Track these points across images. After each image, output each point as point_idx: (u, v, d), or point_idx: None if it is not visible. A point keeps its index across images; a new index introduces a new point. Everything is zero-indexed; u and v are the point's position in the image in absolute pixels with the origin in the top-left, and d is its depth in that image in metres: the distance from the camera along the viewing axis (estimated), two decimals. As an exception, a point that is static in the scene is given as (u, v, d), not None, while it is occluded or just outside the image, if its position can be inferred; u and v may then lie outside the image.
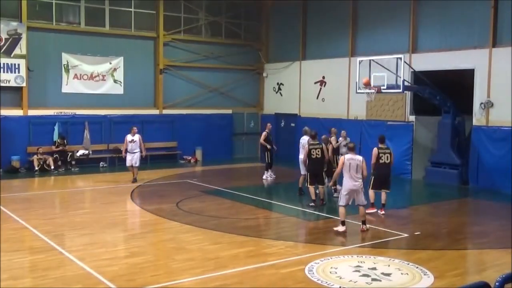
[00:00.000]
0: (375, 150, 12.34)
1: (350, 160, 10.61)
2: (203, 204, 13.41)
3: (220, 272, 8.08)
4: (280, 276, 7.96)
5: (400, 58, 15.89)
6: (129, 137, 16.53)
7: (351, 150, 10.92)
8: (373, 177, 12.38)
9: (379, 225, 11.32)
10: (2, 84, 18.42)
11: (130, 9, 21.33)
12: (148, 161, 21.03)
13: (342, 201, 10.72)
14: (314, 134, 13.19)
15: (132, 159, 16.47)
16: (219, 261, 8.66)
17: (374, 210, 12.26)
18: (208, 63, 23.27)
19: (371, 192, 12.39)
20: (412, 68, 17.59)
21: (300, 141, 14.69)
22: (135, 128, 16.80)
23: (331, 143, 14.25)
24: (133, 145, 16.46)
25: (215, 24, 23.50)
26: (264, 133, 17.59)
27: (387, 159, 12.30)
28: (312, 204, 12.92)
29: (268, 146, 17.39)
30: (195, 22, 23.05)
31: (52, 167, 18.59)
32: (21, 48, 18.67)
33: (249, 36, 24.35)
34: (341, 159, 10.98)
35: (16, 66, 18.66)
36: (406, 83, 16.09)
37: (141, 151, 16.56)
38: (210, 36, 23.38)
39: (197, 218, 11.76)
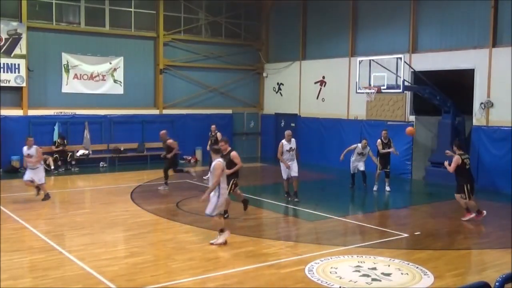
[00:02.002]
0: (458, 158, 11.55)
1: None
2: (203, 204, 13.31)
3: (220, 272, 8.09)
4: (280, 276, 7.96)
5: (400, 58, 15.91)
6: (25, 150, 13.32)
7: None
8: (468, 185, 11.65)
9: (379, 225, 11.32)
10: (2, 84, 18.42)
11: (130, 9, 21.33)
12: (148, 161, 21.06)
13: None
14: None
15: (34, 175, 13.16)
16: (219, 261, 8.66)
17: (484, 213, 11.80)
18: (208, 63, 23.28)
19: (472, 202, 11.79)
20: (412, 68, 17.60)
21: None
22: (30, 138, 13.51)
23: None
24: (32, 161, 13.17)
25: (215, 24, 23.50)
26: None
27: (469, 164, 11.96)
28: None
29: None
30: (195, 22, 23.05)
31: (52, 167, 18.55)
32: (21, 48, 18.68)
33: (249, 36, 24.35)
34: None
35: (16, 66, 18.66)
36: (406, 83, 16.09)
37: (44, 163, 13.82)
38: (210, 36, 23.38)
39: (197, 218, 11.75)
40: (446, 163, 12.01)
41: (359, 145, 15.61)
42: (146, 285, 7.46)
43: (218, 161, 9.47)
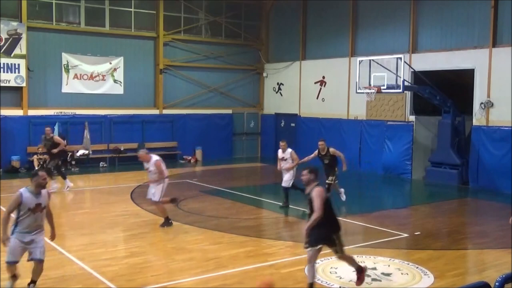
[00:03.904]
0: (321, 190, 7.41)
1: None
2: (203, 204, 13.41)
3: (220, 272, 8.09)
4: (280, 276, 7.96)
5: (400, 58, 15.92)
6: None
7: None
8: (338, 232, 7.45)
9: (379, 225, 11.32)
10: (2, 84, 18.42)
11: (130, 9, 21.33)
12: (148, 161, 21.05)
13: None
14: None
15: None
16: (219, 261, 8.66)
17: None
18: (208, 63, 23.27)
19: (350, 257, 7.54)
20: (412, 68, 17.60)
21: None
22: None
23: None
24: None
25: (215, 24, 23.50)
26: None
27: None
28: None
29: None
30: (195, 22, 23.05)
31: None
32: (21, 48, 18.68)
33: (249, 36, 24.34)
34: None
35: (16, 66, 18.66)
36: (406, 83, 16.10)
37: None
38: (210, 36, 23.38)
39: (197, 218, 11.77)
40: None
41: (280, 150, 12.90)
42: (146, 285, 7.46)
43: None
